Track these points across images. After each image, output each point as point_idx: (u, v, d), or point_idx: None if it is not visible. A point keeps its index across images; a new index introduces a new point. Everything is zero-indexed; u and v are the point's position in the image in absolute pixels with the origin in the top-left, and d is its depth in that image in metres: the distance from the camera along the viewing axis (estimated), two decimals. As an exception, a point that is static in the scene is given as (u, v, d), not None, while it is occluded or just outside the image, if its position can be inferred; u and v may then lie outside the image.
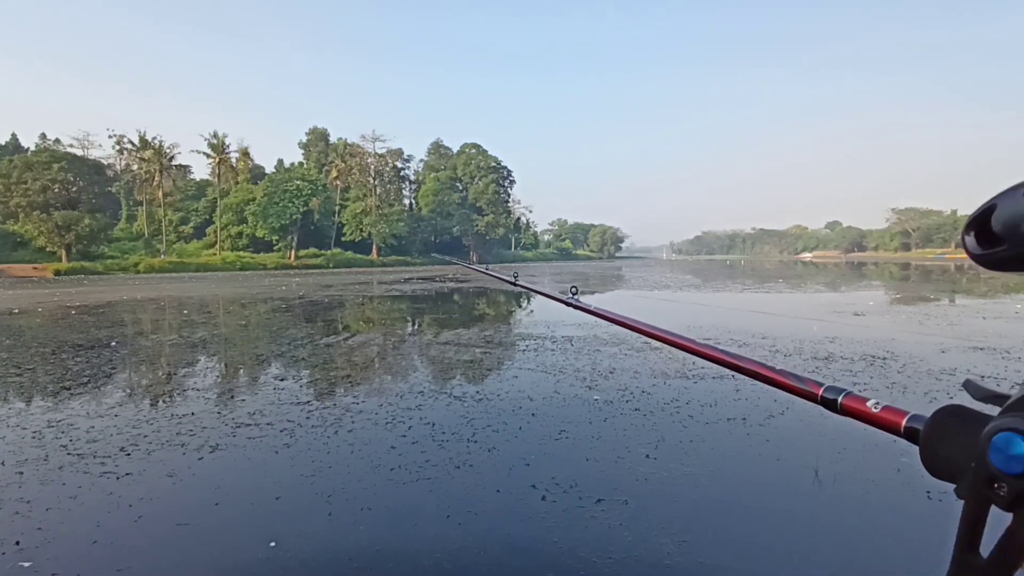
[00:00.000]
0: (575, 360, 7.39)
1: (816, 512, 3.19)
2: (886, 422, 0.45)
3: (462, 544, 2.83)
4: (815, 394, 0.53)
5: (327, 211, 62.76)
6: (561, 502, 3.28)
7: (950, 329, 9.74)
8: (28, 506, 3.28)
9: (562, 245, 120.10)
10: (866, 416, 0.48)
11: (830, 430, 4.49)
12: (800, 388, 0.56)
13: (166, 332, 11.08)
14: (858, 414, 0.49)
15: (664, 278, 31.11)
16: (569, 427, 4.64)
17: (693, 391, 5.69)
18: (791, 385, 0.57)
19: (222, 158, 58.89)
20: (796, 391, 0.56)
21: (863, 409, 0.48)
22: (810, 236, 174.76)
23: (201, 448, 4.23)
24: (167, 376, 6.90)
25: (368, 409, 5.23)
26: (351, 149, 66.64)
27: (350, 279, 32.49)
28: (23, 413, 5.23)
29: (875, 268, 44.78)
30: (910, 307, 13.99)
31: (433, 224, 74.98)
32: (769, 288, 22.24)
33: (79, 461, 3.98)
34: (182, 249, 57.26)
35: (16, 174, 45.65)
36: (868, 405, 0.48)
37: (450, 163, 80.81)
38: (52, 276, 39.46)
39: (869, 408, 0.48)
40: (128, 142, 56.11)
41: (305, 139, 76.00)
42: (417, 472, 3.74)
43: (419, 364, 7.57)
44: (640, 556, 2.71)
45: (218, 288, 25.59)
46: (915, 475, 3.58)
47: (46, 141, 63.38)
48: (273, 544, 2.83)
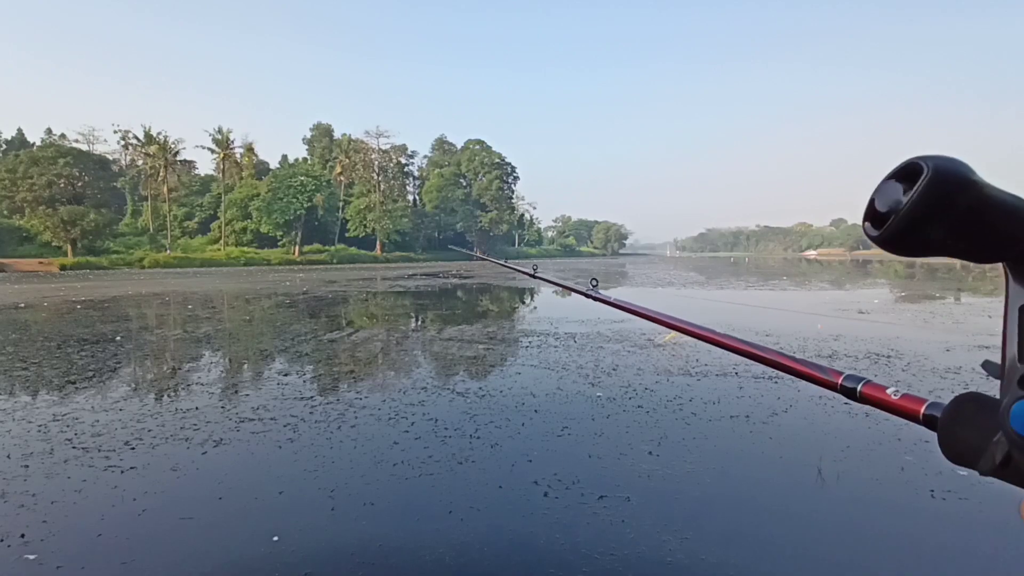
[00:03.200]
0: (578, 357, 7.38)
1: (818, 510, 3.18)
2: (905, 409, 0.46)
3: (464, 539, 2.84)
4: (835, 383, 0.53)
5: (331, 207, 62.73)
6: (563, 498, 3.28)
7: (955, 327, 9.69)
8: (33, 499, 3.30)
9: (566, 242, 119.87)
10: (885, 404, 0.48)
11: (833, 428, 4.48)
12: (820, 376, 0.56)
13: (171, 327, 11.13)
14: (877, 402, 0.49)
15: (668, 275, 31.05)
16: (572, 424, 4.64)
17: (696, 388, 5.68)
18: (811, 373, 0.58)
19: (227, 153, 58.94)
20: (816, 379, 0.57)
21: (883, 397, 0.48)
22: (815, 234, 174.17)
23: (205, 443, 4.25)
24: (171, 371, 6.93)
25: (371, 405, 5.25)
26: (355, 145, 66.56)
27: (354, 275, 32.55)
28: (29, 407, 5.27)
29: (880, 266, 44.56)
30: (915, 305, 13.93)
31: (437, 220, 74.96)
32: (773, 286, 22.16)
33: (84, 455, 4.00)
34: (187, 244, 57.43)
35: (22, 169, 45.84)
36: (888, 393, 0.48)
37: (454, 159, 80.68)
38: (58, 271, 39.65)
39: (889, 396, 0.48)
40: (133, 137, 56.13)
41: (309, 135, 76.08)
42: (420, 468, 3.75)
43: (422, 360, 7.58)
44: (642, 553, 2.71)
45: (222, 283, 25.68)
46: (918, 473, 3.57)
47: (52, 136, 63.58)
48: (276, 538, 2.84)
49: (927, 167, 0.32)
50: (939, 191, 0.32)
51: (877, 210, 0.35)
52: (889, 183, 0.35)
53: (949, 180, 0.32)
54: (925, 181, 0.32)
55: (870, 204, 0.36)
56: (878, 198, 0.35)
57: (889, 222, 0.34)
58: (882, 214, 0.34)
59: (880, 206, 0.35)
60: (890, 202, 0.34)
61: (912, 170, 0.33)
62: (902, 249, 0.35)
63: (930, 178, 0.32)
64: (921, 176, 0.32)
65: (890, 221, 0.34)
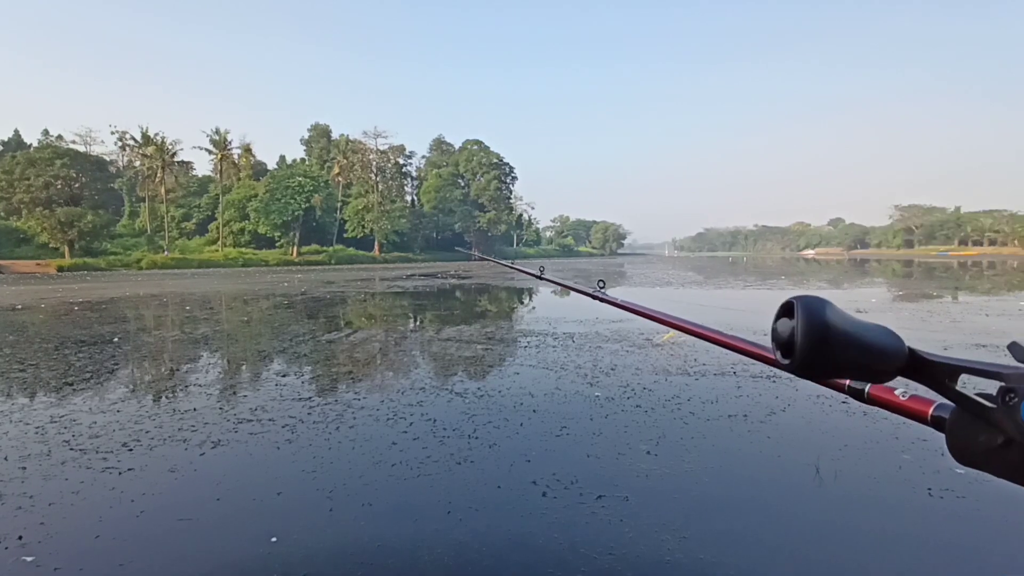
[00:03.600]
0: (576, 357, 7.39)
1: (817, 509, 3.19)
2: (913, 411, 0.45)
3: (463, 540, 2.84)
4: (842, 384, 0.53)
5: (329, 207, 62.68)
6: (562, 498, 3.28)
7: (953, 326, 9.71)
8: (31, 501, 3.29)
9: (564, 242, 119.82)
10: (893, 405, 0.48)
11: (831, 427, 4.48)
12: None
13: (168, 328, 11.11)
14: (885, 403, 0.49)
15: (666, 275, 31.07)
16: (570, 423, 4.64)
17: (694, 388, 5.68)
18: None
19: (224, 154, 58.80)
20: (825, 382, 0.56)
21: (890, 398, 0.48)
22: (813, 233, 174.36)
23: (203, 444, 4.24)
24: (169, 372, 6.92)
25: (369, 405, 5.24)
26: (353, 145, 66.49)
27: (352, 275, 32.51)
28: (26, 408, 5.25)
29: (878, 265, 44.64)
30: (913, 304, 13.95)
31: (435, 220, 74.93)
32: (771, 285, 22.19)
33: (81, 456, 3.99)
34: (184, 245, 57.28)
35: (19, 170, 45.70)
36: (896, 394, 0.48)
37: (452, 159, 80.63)
38: (55, 272, 39.53)
39: (897, 397, 0.47)
40: (131, 138, 55.95)
41: (307, 135, 75.92)
42: (418, 468, 3.74)
43: (420, 360, 7.57)
44: (641, 552, 2.71)
45: (220, 284, 25.63)
46: (916, 472, 3.57)
47: (49, 137, 63.35)
48: (274, 539, 2.84)
49: (796, 302, 0.39)
50: (814, 325, 0.37)
51: (782, 340, 0.40)
52: (782, 319, 0.41)
53: (815, 306, 0.38)
54: (800, 316, 0.38)
55: (773, 336, 0.41)
56: (778, 331, 0.41)
57: (793, 355, 0.38)
58: (786, 343, 0.40)
59: (779, 339, 0.40)
60: (787, 334, 0.39)
61: (787, 306, 0.40)
62: (812, 374, 0.40)
63: (801, 306, 0.38)
64: (794, 308, 0.39)
65: (793, 352, 0.38)
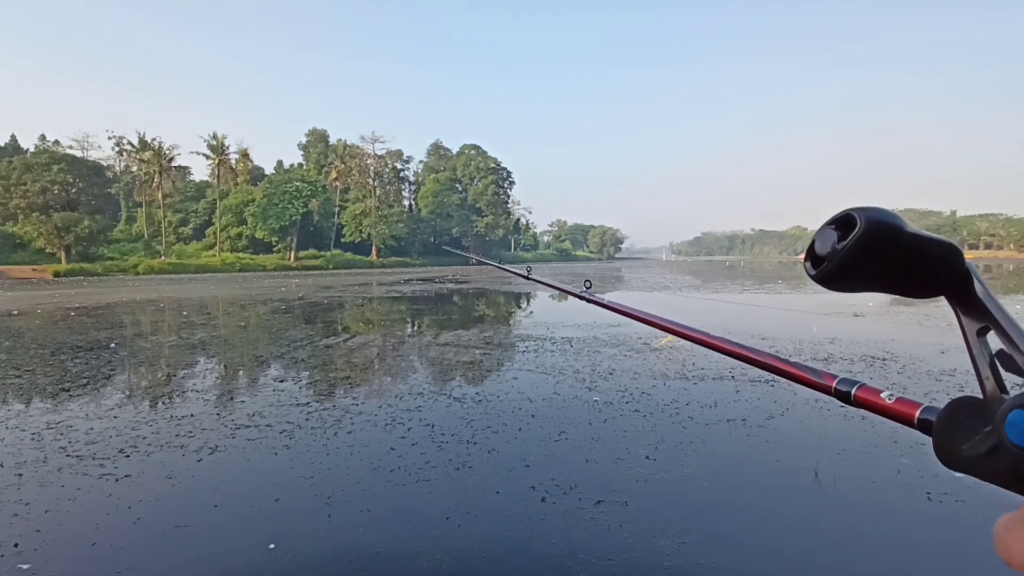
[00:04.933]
0: (575, 361, 7.39)
1: (815, 513, 3.19)
2: (899, 414, 0.45)
3: (461, 545, 2.83)
4: (829, 386, 0.53)
5: (327, 212, 62.72)
6: (561, 503, 3.27)
7: (949, 329, 9.74)
8: (27, 508, 3.27)
9: (561, 246, 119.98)
10: (880, 408, 0.47)
11: (830, 432, 4.49)
12: (814, 380, 0.56)
13: (165, 334, 11.08)
14: (871, 406, 0.48)
15: (664, 279, 31.11)
16: (569, 428, 4.64)
17: (693, 392, 5.68)
18: (805, 377, 0.57)
19: (222, 159, 58.90)
20: (810, 383, 0.56)
21: (877, 401, 0.48)
22: (810, 237, 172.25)
23: (200, 450, 4.22)
24: (166, 378, 6.89)
25: (367, 411, 5.23)
26: (351, 150, 66.64)
27: (350, 280, 32.48)
28: (22, 415, 5.23)
29: (874, 269, 44.70)
30: (910, 308, 13.99)
31: (433, 225, 75.01)
32: (768, 289, 22.24)
33: (78, 463, 3.97)
34: (181, 250, 57.20)
35: (15, 176, 45.67)
36: (882, 397, 0.47)
37: (450, 164, 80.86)
38: (51, 277, 39.43)
39: (883, 400, 0.47)
40: (128, 143, 56.10)
41: (305, 140, 76.07)
42: (416, 474, 3.74)
43: (418, 365, 7.56)
44: (640, 557, 2.70)
45: (217, 289, 25.57)
46: (915, 476, 3.58)
47: (45, 142, 63.35)
48: (272, 546, 2.82)
49: (860, 219, 0.36)
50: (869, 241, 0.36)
51: (816, 253, 0.39)
52: (826, 230, 0.39)
53: (878, 231, 0.36)
54: (858, 233, 0.36)
55: (811, 247, 0.40)
56: (817, 242, 0.39)
57: (823, 265, 0.38)
58: (820, 257, 0.39)
59: (819, 250, 0.39)
60: (827, 248, 0.38)
61: (846, 221, 0.37)
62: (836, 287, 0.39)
63: (863, 230, 0.36)
64: (854, 228, 0.36)
65: (824, 264, 0.38)
